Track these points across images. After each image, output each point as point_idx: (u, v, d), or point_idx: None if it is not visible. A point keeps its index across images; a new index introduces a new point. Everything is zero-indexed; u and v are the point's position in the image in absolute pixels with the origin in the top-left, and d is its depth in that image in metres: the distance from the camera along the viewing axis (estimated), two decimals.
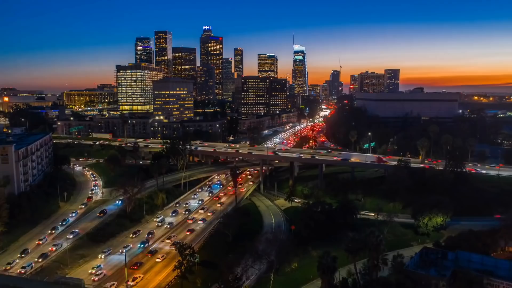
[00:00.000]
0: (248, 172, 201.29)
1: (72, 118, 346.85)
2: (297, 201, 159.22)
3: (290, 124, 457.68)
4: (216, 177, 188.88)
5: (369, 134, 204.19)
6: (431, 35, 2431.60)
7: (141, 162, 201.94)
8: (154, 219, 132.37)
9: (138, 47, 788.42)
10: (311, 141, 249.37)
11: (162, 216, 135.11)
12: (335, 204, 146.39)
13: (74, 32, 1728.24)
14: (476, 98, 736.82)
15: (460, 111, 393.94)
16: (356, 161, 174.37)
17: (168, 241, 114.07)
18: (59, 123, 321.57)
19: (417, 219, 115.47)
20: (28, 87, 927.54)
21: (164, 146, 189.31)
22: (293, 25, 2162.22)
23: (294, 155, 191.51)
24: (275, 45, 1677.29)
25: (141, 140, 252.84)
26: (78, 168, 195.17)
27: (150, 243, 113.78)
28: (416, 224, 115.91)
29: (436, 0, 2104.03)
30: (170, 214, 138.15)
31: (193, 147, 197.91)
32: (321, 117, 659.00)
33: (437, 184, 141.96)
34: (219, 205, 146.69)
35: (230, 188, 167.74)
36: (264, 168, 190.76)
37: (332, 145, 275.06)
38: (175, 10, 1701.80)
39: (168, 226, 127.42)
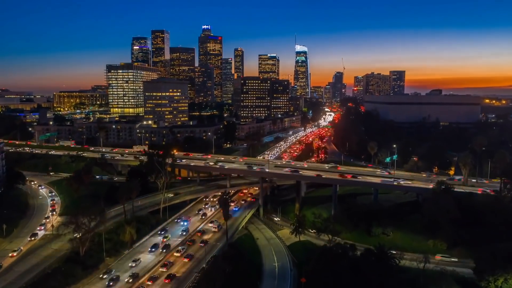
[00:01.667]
0: (245, 191, 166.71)
1: (51, 123, 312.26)
2: (309, 231, 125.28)
3: (296, 131, 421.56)
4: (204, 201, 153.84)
5: (394, 146, 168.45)
6: (434, 35, 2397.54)
7: (115, 179, 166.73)
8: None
9: (135, 47, 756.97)
10: (320, 153, 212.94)
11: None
12: (357, 240, 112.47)
13: (71, 33, 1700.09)
14: (487, 100, 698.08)
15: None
16: (378, 182, 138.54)
17: None
18: (30, 128, 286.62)
19: (484, 278, 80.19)
20: (24, 88, 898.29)
21: (140, 160, 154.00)
22: (295, 25, 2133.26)
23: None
24: (276, 46, 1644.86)
25: (120, 149, 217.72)
26: (40, 186, 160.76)
27: None
28: (484, 286, 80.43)
29: (438, 4, 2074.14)
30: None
31: (178, 160, 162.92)
32: (325, 120, 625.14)
33: (492, 216, 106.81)
34: (201, 244, 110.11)
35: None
36: (264, 185, 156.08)
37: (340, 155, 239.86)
38: (173, 9, 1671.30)
39: None
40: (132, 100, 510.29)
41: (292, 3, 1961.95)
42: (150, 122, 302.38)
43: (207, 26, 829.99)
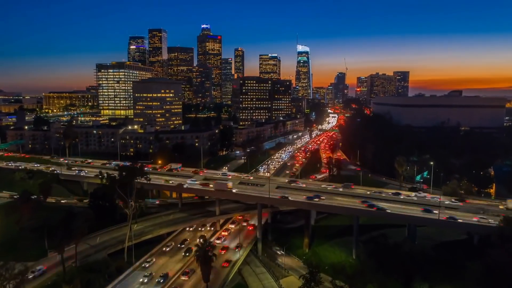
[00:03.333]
0: (240, 218, 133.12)
1: (26, 127, 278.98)
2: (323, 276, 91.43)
3: (299, 135, 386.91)
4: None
5: (432, 163, 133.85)
6: (434, 37, 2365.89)
7: (74, 201, 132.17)
8: None
9: (131, 46, 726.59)
10: (333, 166, 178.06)
11: None
12: None
13: (68, 34, 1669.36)
14: None
15: None
16: (414, 215, 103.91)
17: None
18: None
19: None
20: (20, 90, 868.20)
21: (103, 180, 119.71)
22: (296, 25, 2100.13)
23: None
24: (278, 48, 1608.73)
25: (90, 161, 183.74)
26: None
27: None
28: None
29: (440, 7, 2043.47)
30: None
31: (154, 178, 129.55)
32: (329, 123, 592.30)
33: None
34: None
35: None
36: (264, 210, 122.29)
37: (357, 168, 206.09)
38: (173, 9, 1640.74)
39: None
40: (124, 102, 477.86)
41: (293, 4, 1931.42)
42: (135, 126, 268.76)
43: (207, 26, 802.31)
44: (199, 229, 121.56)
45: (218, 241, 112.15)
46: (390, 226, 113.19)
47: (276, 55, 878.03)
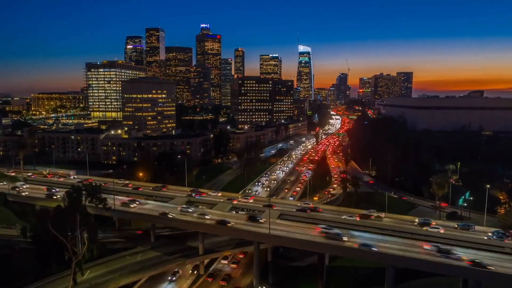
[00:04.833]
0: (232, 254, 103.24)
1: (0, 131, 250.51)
2: None
3: (302, 140, 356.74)
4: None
5: (488, 186, 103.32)
6: (435, 39, 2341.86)
7: (15, 233, 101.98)
8: None
9: (128, 46, 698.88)
10: (348, 184, 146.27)
11: None
12: None
13: (66, 34, 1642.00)
14: None
15: None
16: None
17: None
18: None
19: None
20: (12, 90, 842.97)
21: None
22: (297, 26, 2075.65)
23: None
24: (279, 49, 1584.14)
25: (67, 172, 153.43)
26: None
27: None
28: None
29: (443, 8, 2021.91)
30: None
31: (118, 205, 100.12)
32: (333, 125, 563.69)
33: None
34: None
35: None
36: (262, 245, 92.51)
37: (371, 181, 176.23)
38: (171, 8, 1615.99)
39: None
40: (115, 103, 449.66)
41: (294, 4, 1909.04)
42: (119, 131, 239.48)
43: (206, 25, 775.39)
44: None
45: None
46: (433, 275, 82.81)
47: (277, 55, 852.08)
